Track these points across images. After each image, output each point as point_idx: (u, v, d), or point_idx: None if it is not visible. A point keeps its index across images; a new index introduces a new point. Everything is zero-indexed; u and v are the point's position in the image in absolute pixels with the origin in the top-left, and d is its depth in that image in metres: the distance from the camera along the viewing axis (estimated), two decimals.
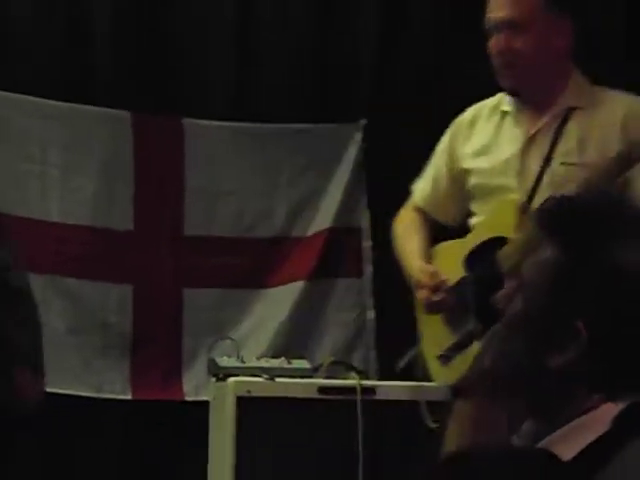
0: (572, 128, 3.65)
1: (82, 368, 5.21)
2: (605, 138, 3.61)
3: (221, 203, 5.09)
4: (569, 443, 1.94)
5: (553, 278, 1.94)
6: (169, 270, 5.32)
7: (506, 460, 1.95)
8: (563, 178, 3.60)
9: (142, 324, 5.28)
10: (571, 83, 3.72)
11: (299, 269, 5.16)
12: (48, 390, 4.92)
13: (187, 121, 5.29)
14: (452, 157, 3.86)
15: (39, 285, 5.04)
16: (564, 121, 3.66)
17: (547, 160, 3.62)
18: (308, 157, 5.22)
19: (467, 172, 3.79)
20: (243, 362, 4.50)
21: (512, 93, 3.71)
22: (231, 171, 4.94)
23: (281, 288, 5.13)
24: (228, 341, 4.90)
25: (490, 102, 3.85)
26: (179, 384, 5.22)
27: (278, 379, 4.06)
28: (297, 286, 5.12)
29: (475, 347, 3.72)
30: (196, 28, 5.86)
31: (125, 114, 5.29)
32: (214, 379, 4.48)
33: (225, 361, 4.51)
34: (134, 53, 5.72)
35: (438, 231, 4.04)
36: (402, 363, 4.03)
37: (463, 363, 3.75)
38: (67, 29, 5.84)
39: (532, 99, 3.71)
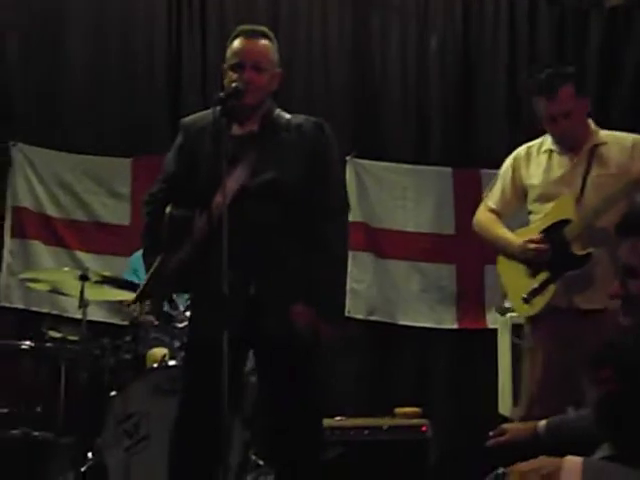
0: (598, 155, 4.06)
1: (428, 311, 6.33)
2: (620, 159, 4.04)
3: None
4: None
5: None
6: (476, 255, 6.18)
7: None
8: (598, 183, 4.00)
9: (462, 286, 6.36)
10: (592, 131, 4.12)
11: None
12: (404, 323, 6.21)
13: (483, 171, 6.25)
14: (514, 177, 4.27)
15: (406, 267, 6.32)
16: (592, 153, 4.07)
17: (586, 174, 4.04)
18: None
19: (531, 186, 4.19)
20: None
21: (560, 143, 4.11)
22: None
23: None
24: None
25: (536, 143, 4.26)
26: (484, 319, 6.26)
27: None
28: None
29: (550, 289, 4.04)
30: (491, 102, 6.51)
31: (447, 169, 6.40)
32: (499, 315, 5.71)
33: (505, 304, 5.40)
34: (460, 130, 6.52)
35: None
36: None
37: (540, 301, 4.06)
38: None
39: (573, 146, 4.08)
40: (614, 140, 4.08)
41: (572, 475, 2.23)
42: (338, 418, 5.13)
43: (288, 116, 3.83)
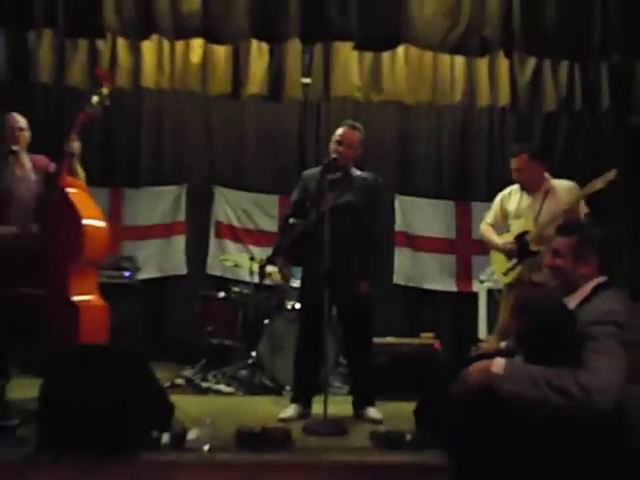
0: (550, 195, 3.89)
1: (440, 281, 6.07)
2: (563, 197, 3.83)
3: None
4: (574, 300, 2.34)
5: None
6: (467, 250, 5.94)
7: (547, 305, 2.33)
8: (548, 211, 3.84)
9: (459, 267, 6.07)
10: (546, 180, 3.96)
11: None
12: (427, 287, 5.98)
13: (472, 203, 6.01)
14: (502, 206, 4.09)
15: (429, 256, 6.01)
16: (546, 194, 3.91)
17: (541, 206, 3.89)
18: None
19: (510, 211, 4.04)
20: (488, 277, 5.34)
21: (520, 186, 3.99)
22: None
23: None
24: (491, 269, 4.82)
25: (514, 187, 4.06)
26: (471, 286, 5.99)
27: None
28: None
29: (518, 268, 3.93)
30: None
31: (452, 202, 6.15)
32: (479, 283, 5.56)
33: (484, 277, 5.39)
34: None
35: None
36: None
37: (512, 274, 3.97)
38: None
39: (530, 189, 3.94)
40: (560, 187, 3.96)
41: (499, 366, 2.26)
42: (387, 338, 4.89)
43: (359, 172, 3.89)
